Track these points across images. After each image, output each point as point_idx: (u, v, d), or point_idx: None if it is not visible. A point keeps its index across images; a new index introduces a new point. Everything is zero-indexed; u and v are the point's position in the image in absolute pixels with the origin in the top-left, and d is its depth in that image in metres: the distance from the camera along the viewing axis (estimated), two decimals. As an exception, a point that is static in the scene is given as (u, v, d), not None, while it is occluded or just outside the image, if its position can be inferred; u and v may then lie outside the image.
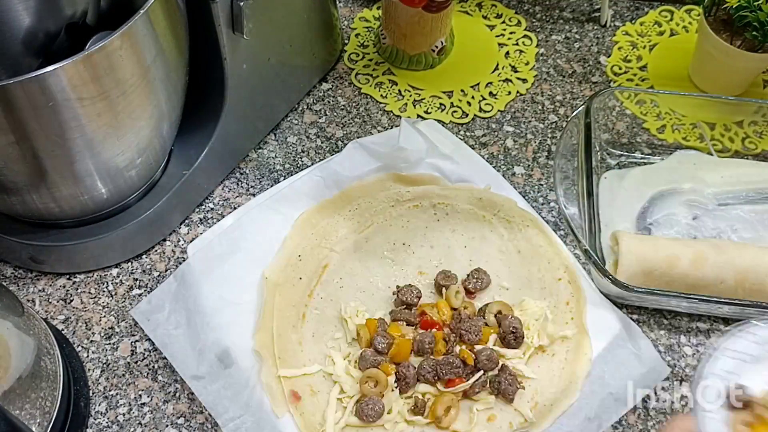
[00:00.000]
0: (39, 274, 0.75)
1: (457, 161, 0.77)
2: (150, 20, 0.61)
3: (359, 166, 0.76)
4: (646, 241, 0.72)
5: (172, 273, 0.72)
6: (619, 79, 0.89)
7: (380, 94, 0.88)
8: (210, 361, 0.66)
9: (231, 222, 0.74)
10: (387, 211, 0.74)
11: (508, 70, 0.90)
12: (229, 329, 0.68)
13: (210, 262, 0.70)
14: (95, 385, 0.69)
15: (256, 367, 0.66)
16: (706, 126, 0.82)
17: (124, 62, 0.60)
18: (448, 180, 0.77)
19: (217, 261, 0.71)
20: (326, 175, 0.76)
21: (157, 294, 0.70)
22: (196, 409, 0.67)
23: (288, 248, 0.72)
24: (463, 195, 0.76)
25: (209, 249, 0.71)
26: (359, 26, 0.94)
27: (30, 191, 0.66)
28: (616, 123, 0.82)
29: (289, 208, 0.74)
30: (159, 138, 0.70)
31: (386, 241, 0.74)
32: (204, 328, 0.67)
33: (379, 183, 0.76)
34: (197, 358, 0.66)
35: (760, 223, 0.76)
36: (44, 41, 0.74)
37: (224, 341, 0.67)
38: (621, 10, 0.95)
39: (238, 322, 0.68)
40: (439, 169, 0.77)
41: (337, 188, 0.76)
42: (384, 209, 0.75)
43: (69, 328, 0.72)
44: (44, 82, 0.56)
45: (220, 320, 0.68)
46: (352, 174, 0.76)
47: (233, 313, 0.69)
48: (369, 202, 0.75)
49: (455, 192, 0.76)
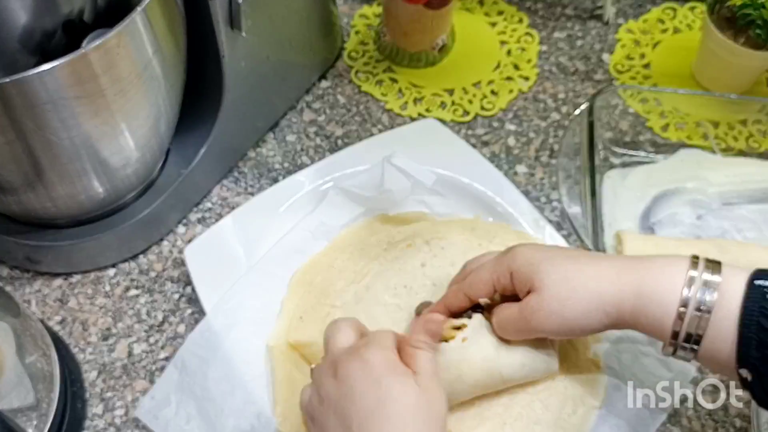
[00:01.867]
0: (35, 275, 0.74)
1: (443, 193, 0.75)
2: (147, 18, 0.60)
3: (344, 213, 0.74)
4: (649, 240, 0.72)
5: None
6: (622, 77, 0.88)
7: (380, 92, 0.87)
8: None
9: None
10: (381, 256, 0.71)
11: (510, 68, 0.89)
12: (245, 411, 0.63)
13: (209, 343, 0.66)
14: (92, 386, 0.68)
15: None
16: (710, 124, 0.81)
17: (121, 60, 0.59)
18: (436, 214, 0.74)
19: (216, 340, 0.66)
20: (313, 228, 0.73)
21: (159, 387, 0.65)
22: (195, 411, 0.67)
23: (287, 311, 0.69)
24: (455, 227, 0.73)
25: (205, 328, 0.67)
26: (359, 23, 0.94)
27: (26, 190, 0.66)
28: (619, 121, 0.81)
29: (281, 268, 0.71)
30: (156, 137, 0.70)
31: (387, 287, 0.69)
32: (219, 416, 0.63)
33: (368, 227, 0.74)
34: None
35: (765, 223, 0.76)
36: (41, 39, 0.74)
37: (243, 426, 0.63)
38: (624, 8, 0.95)
39: (253, 401, 0.64)
40: (426, 204, 0.75)
41: (326, 239, 0.73)
42: (378, 254, 0.71)
43: (65, 329, 0.71)
44: (41, 81, 0.55)
45: (233, 403, 0.64)
46: (338, 223, 0.73)
47: (245, 392, 0.64)
48: (361, 249, 0.72)
49: (446, 226, 0.73)
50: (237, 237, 0.72)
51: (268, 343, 0.66)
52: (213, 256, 0.71)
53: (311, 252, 0.72)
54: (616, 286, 0.53)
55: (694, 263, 0.53)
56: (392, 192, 0.72)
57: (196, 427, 0.63)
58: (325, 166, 0.77)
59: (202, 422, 0.63)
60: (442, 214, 0.74)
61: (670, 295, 0.52)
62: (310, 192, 0.75)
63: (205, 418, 0.63)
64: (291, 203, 0.75)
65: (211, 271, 0.70)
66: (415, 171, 0.72)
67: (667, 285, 0.52)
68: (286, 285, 0.70)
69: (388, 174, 0.72)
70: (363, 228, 0.74)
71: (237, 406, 0.63)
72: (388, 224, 0.74)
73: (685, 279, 0.52)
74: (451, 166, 0.76)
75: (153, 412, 0.65)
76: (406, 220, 0.74)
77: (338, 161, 0.77)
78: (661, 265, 0.54)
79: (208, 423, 0.63)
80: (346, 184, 0.74)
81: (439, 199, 0.75)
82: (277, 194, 0.75)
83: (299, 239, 0.72)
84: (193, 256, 0.70)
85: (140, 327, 0.71)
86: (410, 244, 0.71)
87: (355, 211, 0.74)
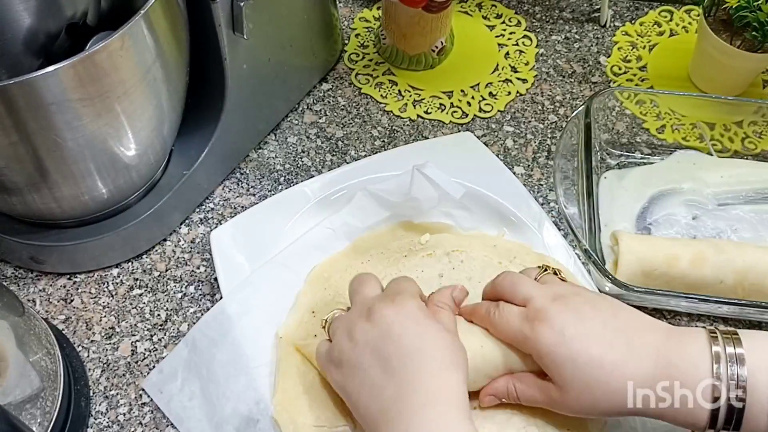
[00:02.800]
0: (39, 274, 0.75)
1: (470, 208, 0.75)
2: (150, 20, 0.61)
3: (370, 216, 0.74)
4: (645, 241, 0.72)
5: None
6: (619, 79, 0.89)
7: (380, 95, 0.88)
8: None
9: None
10: (401, 262, 0.72)
11: (508, 71, 0.90)
12: (246, 396, 0.64)
13: (221, 326, 0.67)
14: (96, 384, 0.69)
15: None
16: (706, 126, 0.82)
17: (124, 62, 0.60)
18: (460, 228, 0.74)
19: (227, 324, 0.67)
20: (336, 226, 0.73)
21: (168, 362, 0.67)
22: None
23: (301, 305, 0.69)
24: (477, 242, 0.73)
25: (219, 311, 0.68)
26: (359, 26, 0.94)
27: (30, 191, 0.66)
28: (616, 123, 0.82)
29: (300, 263, 0.71)
30: (159, 138, 0.70)
31: None
32: (220, 398, 0.64)
33: (391, 232, 0.74)
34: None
35: (760, 223, 0.76)
36: (45, 41, 0.74)
37: (241, 410, 0.64)
38: (621, 11, 0.95)
39: (255, 387, 0.65)
40: (452, 216, 0.75)
41: (348, 239, 0.73)
42: (397, 260, 0.72)
43: (69, 328, 0.72)
44: (45, 83, 0.56)
45: (235, 388, 0.65)
46: (363, 224, 0.74)
47: (249, 378, 0.65)
48: (381, 253, 0.72)
49: (469, 240, 0.74)
50: (264, 226, 0.73)
51: (278, 333, 0.67)
52: (239, 242, 0.72)
53: (332, 250, 0.73)
54: (642, 388, 0.53)
55: (713, 338, 0.53)
56: (419, 200, 0.72)
57: (197, 406, 0.65)
58: (356, 168, 0.77)
59: (204, 402, 0.65)
60: (466, 228, 0.74)
61: (699, 380, 0.52)
62: (342, 190, 0.76)
63: (207, 399, 0.65)
64: (323, 198, 0.75)
65: (234, 256, 0.71)
66: (443, 182, 0.72)
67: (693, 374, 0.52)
68: (302, 280, 0.71)
69: (417, 182, 0.72)
70: (386, 233, 0.74)
71: (238, 391, 0.65)
72: (411, 231, 0.74)
73: (711, 356, 0.52)
74: (481, 180, 0.76)
75: (158, 386, 0.66)
76: (430, 229, 0.74)
77: (370, 165, 0.78)
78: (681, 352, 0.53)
79: (209, 403, 0.65)
80: (374, 187, 0.74)
81: (465, 213, 0.75)
82: (309, 188, 0.76)
83: (321, 236, 0.73)
84: (217, 240, 0.71)
85: (143, 326, 0.72)
86: (430, 254, 0.72)
87: (381, 215, 0.74)
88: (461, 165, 0.77)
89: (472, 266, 0.71)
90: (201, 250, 0.76)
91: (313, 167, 0.82)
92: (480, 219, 0.75)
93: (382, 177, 0.75)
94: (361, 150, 0.83)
